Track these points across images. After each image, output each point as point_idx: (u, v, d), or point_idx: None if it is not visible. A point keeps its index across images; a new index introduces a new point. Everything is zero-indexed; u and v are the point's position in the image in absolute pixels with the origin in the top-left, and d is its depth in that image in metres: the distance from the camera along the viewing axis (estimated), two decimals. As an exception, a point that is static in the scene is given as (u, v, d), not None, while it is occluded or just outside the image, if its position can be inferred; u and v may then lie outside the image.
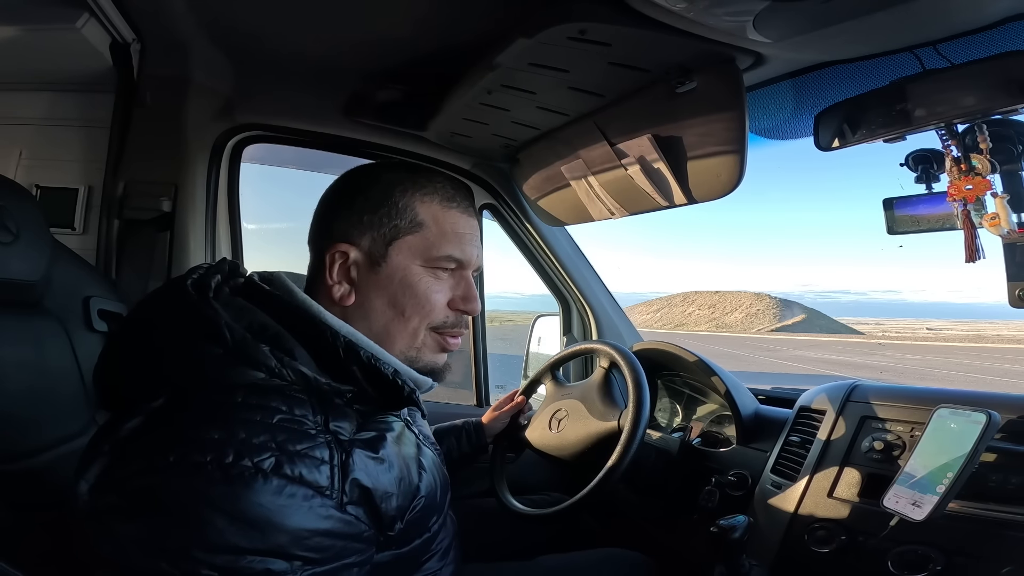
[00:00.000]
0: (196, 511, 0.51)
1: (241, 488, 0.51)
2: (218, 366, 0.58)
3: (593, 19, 0.86)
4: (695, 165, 1.05)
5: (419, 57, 1.20)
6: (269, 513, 0.52)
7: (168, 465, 0.52)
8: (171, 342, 0.60)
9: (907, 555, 0.81)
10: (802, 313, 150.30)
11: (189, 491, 0.51)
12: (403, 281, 0.70)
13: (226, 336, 0.58)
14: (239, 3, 1.10)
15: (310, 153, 1.60)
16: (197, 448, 0.52)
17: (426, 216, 0.71)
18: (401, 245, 0.70)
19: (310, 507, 0.54)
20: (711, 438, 1.30)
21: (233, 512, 0.51)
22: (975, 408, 0.81)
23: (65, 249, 1.01)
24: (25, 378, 0.82)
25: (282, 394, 0.58)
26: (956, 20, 0.82)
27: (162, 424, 0.55)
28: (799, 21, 0.82)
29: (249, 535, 0.51)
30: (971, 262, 0.92)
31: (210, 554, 0.50)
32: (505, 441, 1.32)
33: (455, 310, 0.74)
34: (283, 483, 0.53)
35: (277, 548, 0.52)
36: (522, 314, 11.08)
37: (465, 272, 0.75)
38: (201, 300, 0.61)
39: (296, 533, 0.53)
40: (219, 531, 0.50)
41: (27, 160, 1.36)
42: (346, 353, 0.64)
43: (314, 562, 0.54)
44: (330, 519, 0.56)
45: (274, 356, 0.59)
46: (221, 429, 0.53)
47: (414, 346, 0.72)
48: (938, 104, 0.89)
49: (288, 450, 0.54)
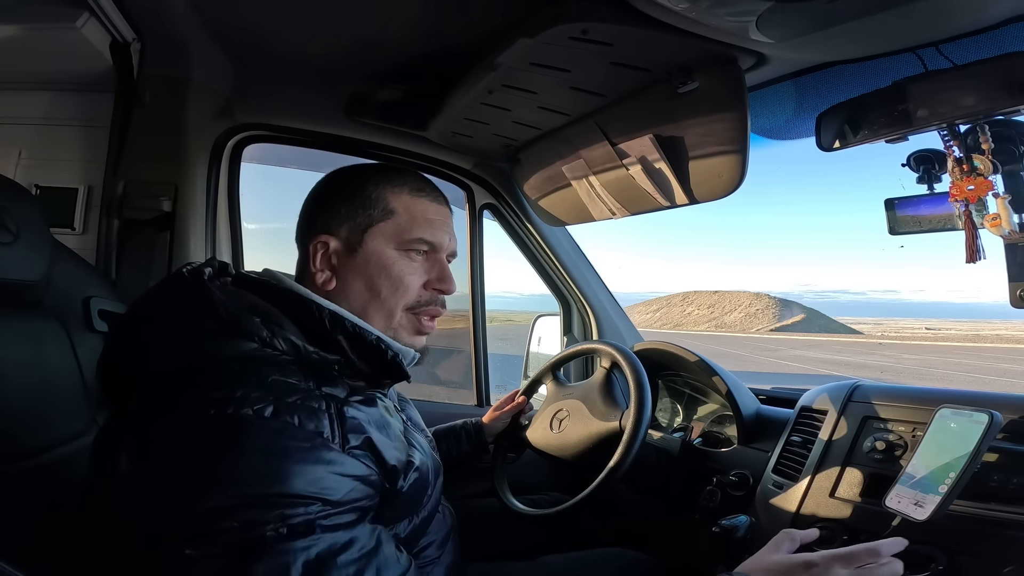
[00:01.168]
0: (208, 464, 0.54)
1: (245, 433, 0.55)
2: (213, 339, 0.62)
3: (595, 19, 0.86)
4: (696, 165, 1.05)
5: (420, 57, 1.20)
6: (275, 456, 0.55)
7: (179, 423, 0.56)
8: (169, 321, 0.65)
9: (909, 555, 0.81)
10: (801, 313, 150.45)
11: (200, 446, 0.55)
12: (378, 264, 0.76)
13: (219, 311, 0.63)
14: (239, 3, 1.10)
15: (310, 153, 1.60)
16: (201, 405, 0.56)
17: (397, 204, 0.77)
18: (375, 232, 0.76)
19: (313, 448, 0.58)
20: (712, 438, 1.30)
21: (241, 459, 0.54)
22: (977, 408, 0.81)
23: (65, 249, 1.01)
24: (25, 378, 0.82)
25: (274, 363, 0.63)
26: (958, 21, 0.82)
27: (167, 393, 0.59)
28: (802, 22, 0.81)
29: (261, 480, 0.54)
30: (972, 262, 0.91)
31: (228, 505, 0.52)
32: (506, 441, 1.32)
33: (431, 290, 0.79)
34: (283, 426, 0.57)
35: (290, 491, 0.54)
36: (522, 314, 11.09)
37: (438, 255, 0.80)
38: (196, 282, 0.67)
39: (305, 473, 0.56)
40: (233, 481, 0.53)
41: (27, 160, 1.35)
42: (332, 324, 0.68)
43: (330, 503, 0.57)
44: (336, 461, 0.59)
45: (265, 327, 0.64)
46: (221, 389, 0.57)
47: (391, 326, 0.77)
48: (940, 104, 0.88)
49: (285, 401, 0.58)
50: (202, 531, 0.52)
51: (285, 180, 1.83)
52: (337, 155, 1.58)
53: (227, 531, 0.52)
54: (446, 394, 1.97)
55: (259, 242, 1.58)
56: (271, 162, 1.71)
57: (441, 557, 0.86)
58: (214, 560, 0.51)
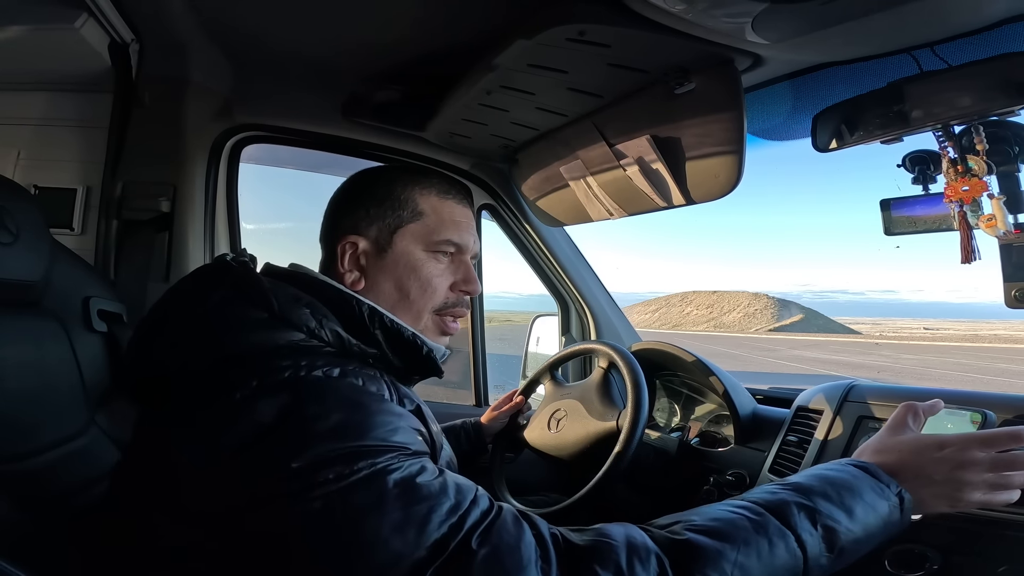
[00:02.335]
0: (292, 424, 0.54)
1: (323, 392, 0.57)
2: (262, 328, 0.63)
3: (592, 20, 0.86)
4: (694, 166, 1.05)
5: (418, 58, 1.20)
6: (354, 410, 0.57)
7: (250, 395, 0.56)
8: (216, 309, 0.64)
9: (904, 554, 0.82)
10: (800, 313, 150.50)
11: (280, 408, 0.55)
12: (407, 265, 0.77)
13: (271, 301, 0.63)
14: (238, 3, 1.10)
15: (309, 153, 1.60)
16: (271, 371, 0.57)
17: (425, 206, 0.78)
18: (404, 233, 0.77)
19: (383, 404, 0.60)
20: (709, 438, 1.31)
21: (323, 416, 0.55)
22: (971, 408, 0.82)
23: (64, 249, 1.01)
24: (25, 378, 0.82)
25: (319, 354, 0.63)
26: (953, 22, 0.82)
27: (222, 377, 0.59)
28: (798, 23, 0.82)
29: (345, 435, 0.55)
30: (967, 263, 0.92)
31: (317, 463, 0.52)
32: (504, 441, 1.32)
33: (457, 291, 0.80)
34: (354, 384, 0.60)
35: (373, 442, 0.55)
36: (520, 314, 11.09)
37: (464, 256, 0.81)
38: (245, 271, 0.67)
39: (383, 424, 0.57)
40: (317, 438, 0.54)
41: (25, 160, 1.35)
42: (370, 318, 0.69)
43: (407, 452, 0.57)
44: (403, 415, 0.61)
45: (313, 318, 0.65)
46: (286, 359, 0.59)
47: (418, 328, 0.77)
48: (935, 105, 0.89)
49: (347, 367, 0.61)
50: (297, 489, 0.52)
51: (284, 180, 1.83)
52: (335, 156, 1.58)
53: (321, 483, 0.52)
54: (445, 394, 1.97)
55: (257, 243, 1.58)
56: (270, 162, 1.71)
57: None
58: (314, 503, 0.51)
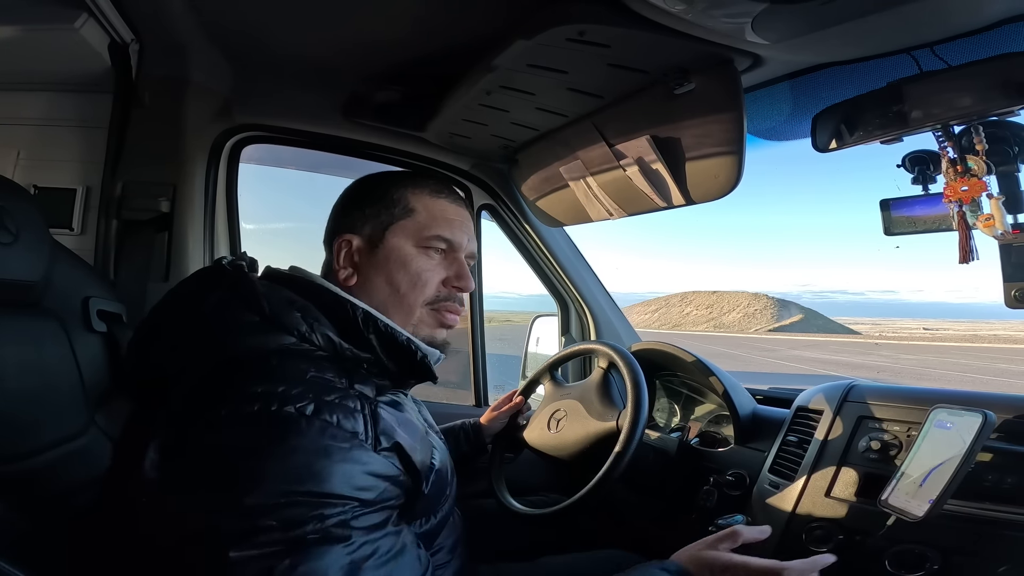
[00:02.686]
0: (252, 462, 0.55)
1: (289, 432, 0.56)
2: (255, 332, 0.64)
3: (592, 21, 0.86)
4: (693, 166, 1.05)
5: (418, 58, 1.20)
6: (316, 455, 0.56)
7: (221, 420, 0.57)
8: (210, 312, 0.67)
9: (904, 554, 0.82)
10: (799, 313, 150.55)
11: (244, 442, 0.56)
12: (397, 260, 0.78)
13: (262, 304, 0.65)
14: (238, 4, 1.10)
15: (309, 154, 1.60)
16: (245, 400, 0.57)
17: (417, 204, 0.80)
18: (396, 229, 0.79)
19: (351, 449, 0.59)
20: (709, 438, 1.31)
21: (284, 457, 0.55)
22: (971, 408, 0.82)
23: (64, 249, 1.01)
24: (24, 379, 0.82)
25: (310, 358, 0.64)
26: (953, 22, 0.82)
27: (210, 387, 0.60)
28: (797, 23, 0.82)
29: (302, 479, 0.55)
30: (965, 263, 0.92)
31: (269, 504, 0.53)
32: (504, 441, 1.32)
33: (449, 287, 0.81)
34: (324, 426, 0.58)
35: (329, 491, 0.56)
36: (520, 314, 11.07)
37: (457, 254, 0.82)
38: (239, 274, 0.69)
39: (344, 473, 0.57)
40: (274, 478, 0.54)
41: (25, 160, 1.35)
42: (364, 322, 0.70)
43: (364, 503, 0.58)
44: (370, 462, 0.60)
45: (304, 322, 0.66)
46: (264, 383, 0.59)
47: (411, 322, 0.78)
48: (935, 106, 0.89)
49: (324, 399, 0.60)
50: (243, 529, 0.52)
51: (284, 181, 1.83)
52: (335, 156, 1.58)
53: (267, 529, 0.52)
54: (444, 394, 1.97)
55: (257, 243, 1.58)
56: (269, 163, 1.71)
57: (451, 562, 0.86)
58: (254, 561, 0.52)
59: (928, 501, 0.77)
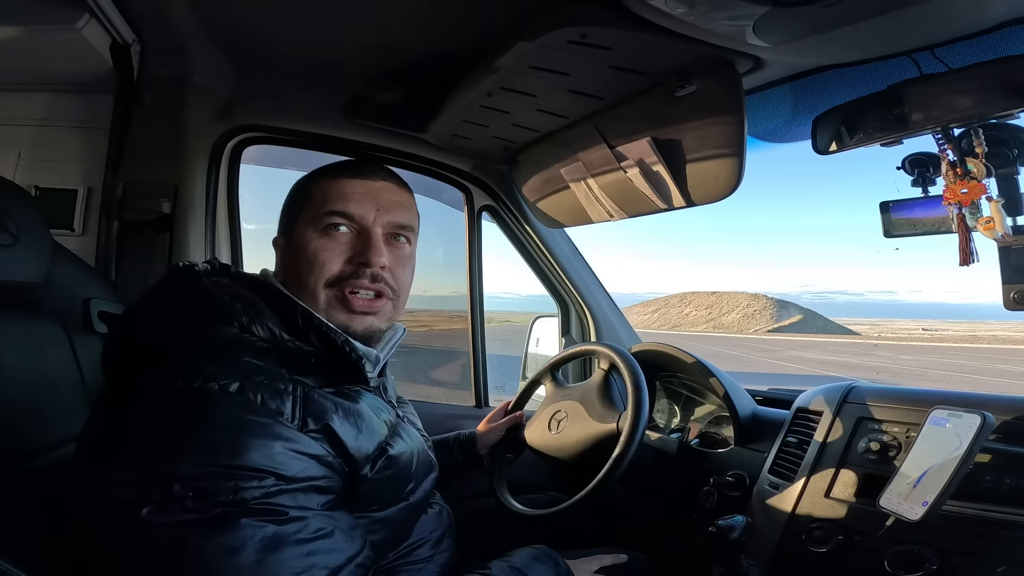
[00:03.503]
0: (167, 431, 0.57)
1: (208, 406, 0.58)
2: (197, 322, 0.67)
3: (594, 23, 0.87)
4: (694, 168, 1.05)
5: (420, 59, 1.21)
6: (233, 429, 0.58)
7: (144, 395, 0.60)
8: (160, 307, 0.70)
9: (903, 554, 0.82)
10: (799, 314, 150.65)
11: (163, 415, 0.58)
12: (298, 246, 0.78)
13: (204, 296, 0.68)
14: (240, 4, 1.10)
15: (310, 155, 1.60)
16: (171, 377, 0.60)
17: (314, 190, 0.81)
18: (300, 220, 0.80)
19: (272, 425, 0.60)
20: (709, 439, 1.31)
21: (202, 429, 0.57)
22: (970, 409, 0.82)
23: (65, 251, 1.01)
24: (26, 380, 0.82)
25: (251, 348, 0.67)
26: (953, 25, 0.82)
27: (146, 372, 0.63)
28: (798, 26, 0.82)
29: (217, 450, 0.56)
30: (965, 265, 0.92)
31: (185, 473, 0.54)
32: (504, 441, 1.32)
33: (356, 264, 0.77)
34: (245, 401, 0.60)
35: (244, 464, 0.56)
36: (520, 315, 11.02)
37: (368, 229, 0.79)
38: (188, 272, 0.72)
39: (261, 447, 0.58)
40: (191, 449, 0.55)
41: (26, 161, 1.35)
42: (304, 321, 0.72)
43: (284, 478, 0.58)
44: (294, 439, 0.61)
45: (245, 313, 0.67)
46: (194, 363, 0.62)
47: (320, 307, 0.76)
48: (935, 108, 0.89)
49: (253, 380, 0.62)
50: (157, 498, 0.53)
51: (284, 182, 1.83)
52: (336, 157, 1.58)
53: (181, 499, 0.53)
54: (444, 395, 1.98)
55: (257, 244, 1.58)
56: (271, 163, 1.71)
57: (435, 556, 0.86)
58: (167, 530, 0.52)
59: (927, 502, 0.77)
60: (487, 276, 1.76)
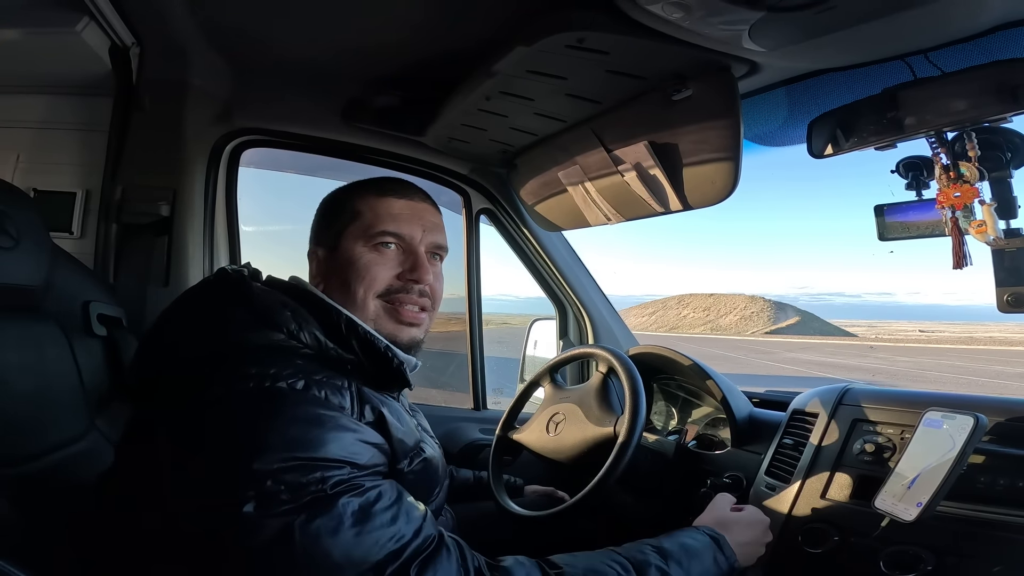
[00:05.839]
0: (250, 432, 0.60)
1: (282, 404, 0.62)
2: (246, 327, 0.69)
3: (591, 28, 0.87)
4: (690, 172, 1.06)
5: (418, 63, 1.21)
6: (310, 424, 0.61)
7: (219, 398, 0.62)
8: (208, 309, 0.72)
9: (898, 555, 0.83)
10: (796, 316, 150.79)
11: (238, 416, 0.61)
12: (348, 260, 0.82)
13: (255, 303, 0.70)
14: (238, 8, 1.11)
15: (308, 157, 1.61)
16: (240, 379, 0.62)
17: (362, 206, 0.84)
18: (347, 234, 0.83)
19: (340, 418, 0.64)
20: (706, 441, 1.31)
21: (281, 426, 0.60)
22: (963, 411, 0.83)
23: (64, 254, 1.01)
24: (25, 383, 0.83)
25: (298, 354, 0.69)
26: (947, 28, 0.83)
27: (199, 374, 0.65)
28: (793, 30, 0.83)
29: (299, 445, 0.60)
30: (958, 268, 0.93)
31: (272, 468, 0.57)
32: (503, 444, 1.32)
33: (404, 280, 0.83)
34: (313, 398, 0.64)
35: (325, 456, 0.60)
36: (518, 317, 11.05)
37: (412, 247, 0.84)
38: (239, 278, 0.74)
39: (338, 439, 0.62)
40: (274, 447, 0.59)
41: (25, 163, 1.36)
42: (347, 328, 0.74)
43: (358, 467, 0.63)
44: (359, 430, 0.66)
45: (294, 321, 0.70)
46: (256, 366, 0.64)
47: (368, 316, 0.81)
48: (928, 112, 0.90)
49: (314, 377, 0.65)
50: (253, 495, 0.56)
51: (283, 184, 1.83)
52: (335, 160, 1.59)
53: (277, 493, 0.57)
54: (442, 396, 1.98)
55: (255, 246, 1.58)
56: (269, 166, 1.71)
57: None
58: (273, 520, 0.56)
59: (921, 503, 0.78)
60: (486, 278, 1.77)
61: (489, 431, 1.48)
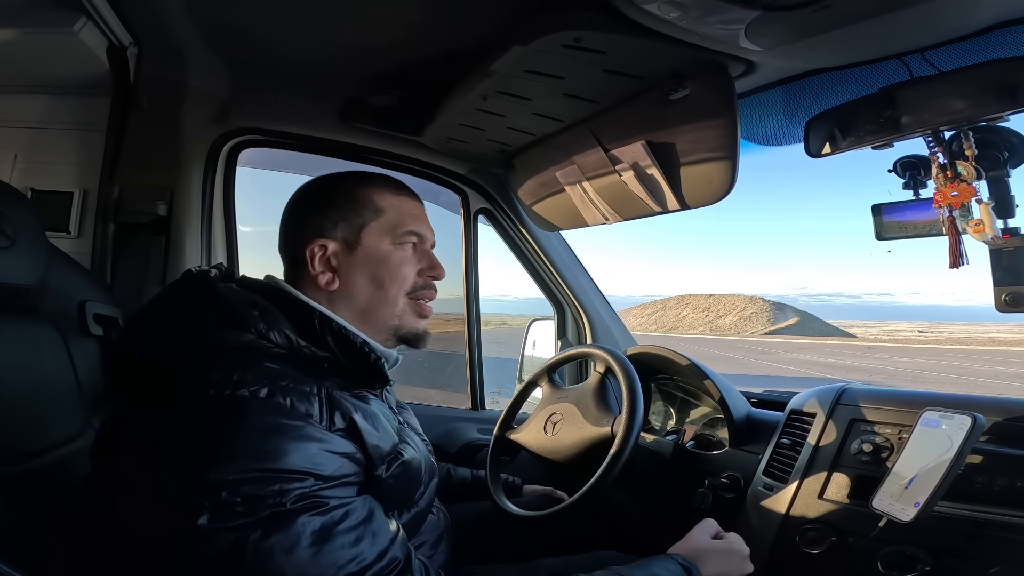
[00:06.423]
0: (209, 440, 0.58)
1: (243, 412, 0.60)
2: (213, 328, 0.67)
3: (588, 27, 0.87)
4: (688, 171, 1.06)
5: (415, 63, 1.21)
6: (271, 433, 0.59)
7: (179, 403, 0.61)
8: (174, 311, 0.71)
9: (896, 555, 0.83)
10: (795, 316, 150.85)
11: (199, 424, 0.59)
12: (378, 258, 0.82)
13: (220, 303, 0.69)
14: (236, 8, 1.10)
15: (306, 157, 1.60)
16: (204, 385, 0.61)
17: (384, 203, 0.84)
18: (370, 230, 0.82)
19: (304, 427, 0.62)
20: (704, 441, 1.31)
21: (240, 436, 0.58)
22: (961, 411, 0.83)
23: (61, 253, 1.01)
24: (21, 382, 0.82)
25: (268, 354, 0.67)
26: (944, 28, 0.83)
27: (167, 377, 0.64)
28: (790, 30, 0.83)
29: (258, 455, 0.58)
30: (955, 267, 0.93)
31: (230, 479, 0.56)
32: (500, 443, 1.32)
33: (424, 277, 0.86)
34: (277, 406, 0.61)
35: (285, 467, 0.58)
36: (517, 317, 11.04)
37: (425, 245, 0.87)
38: (202, 278, 0.73)
39: (300, 449, 0.60)
40: (232, 456, 0.57)
41: (22, 163, 1.35)
42: (321, 325, 0.73)
43: (322, 478, 0.61)
44: (326, 439, 0.63)
45: (262, 320, 0.68)
46: (220, 371, 0.62)
47: (395, 314, 0.83)
48: (925, 111, 0.90)
49: (279, 384, 0.63)
50: (208, 506, 0.55)
51: (281, 184, 1.83)
52: (332, 160, 1.59)
53: (232, 505, 0.55)
54: (441, 397, 1.98)
55: (252, 246, 1.58)
56: (267, 166, 1.71)
57: (433, 557, 0.88)
58: (226, 534, 0.55)
59: (919, 503, 0.78)
60: (485, 279, 1.76)
61: (487, 431, 1.48)
